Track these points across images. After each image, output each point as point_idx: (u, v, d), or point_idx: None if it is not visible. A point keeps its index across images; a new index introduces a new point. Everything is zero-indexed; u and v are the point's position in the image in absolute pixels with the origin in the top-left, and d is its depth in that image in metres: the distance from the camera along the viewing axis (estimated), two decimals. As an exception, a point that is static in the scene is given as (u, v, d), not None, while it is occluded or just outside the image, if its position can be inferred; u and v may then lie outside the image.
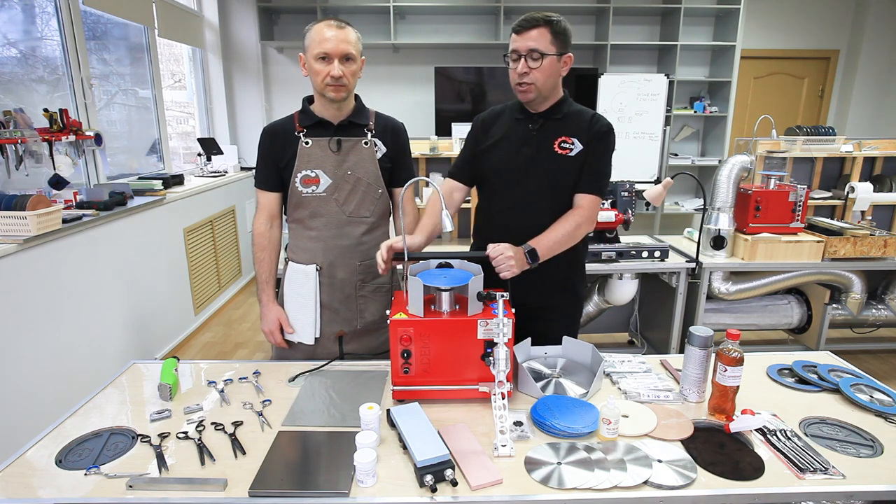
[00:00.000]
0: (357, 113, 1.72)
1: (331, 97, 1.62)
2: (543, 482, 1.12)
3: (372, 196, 1.74)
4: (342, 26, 1.58)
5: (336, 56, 1.56)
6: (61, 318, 2.53)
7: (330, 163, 1.69)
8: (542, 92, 1.60)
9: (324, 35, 1.55)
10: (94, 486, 1.11)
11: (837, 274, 2.97)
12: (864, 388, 1.47)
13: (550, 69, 1.57)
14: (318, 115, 1.70)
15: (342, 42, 1.56)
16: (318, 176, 1.69)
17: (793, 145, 3.53)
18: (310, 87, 1.68)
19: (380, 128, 1.75)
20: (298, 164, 1.69)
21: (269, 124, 1.75)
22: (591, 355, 1.60)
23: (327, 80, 1.58)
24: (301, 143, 1.69)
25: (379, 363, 1.64)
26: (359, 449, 1.13)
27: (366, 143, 1.72)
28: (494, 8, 5.03)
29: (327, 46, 1.55)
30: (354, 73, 1.63)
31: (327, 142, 1.69)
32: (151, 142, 4.22)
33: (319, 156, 1.69)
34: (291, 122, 1.72)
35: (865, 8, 5.38)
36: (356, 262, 1.76)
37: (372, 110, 1.77)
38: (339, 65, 1.57)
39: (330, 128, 1.69)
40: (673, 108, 5.19)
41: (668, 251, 2.85)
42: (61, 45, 3.10)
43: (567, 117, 1.67)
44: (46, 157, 2.75)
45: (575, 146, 1.64)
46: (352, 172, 1.70)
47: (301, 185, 1.70)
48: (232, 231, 4.59)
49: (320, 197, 1.71)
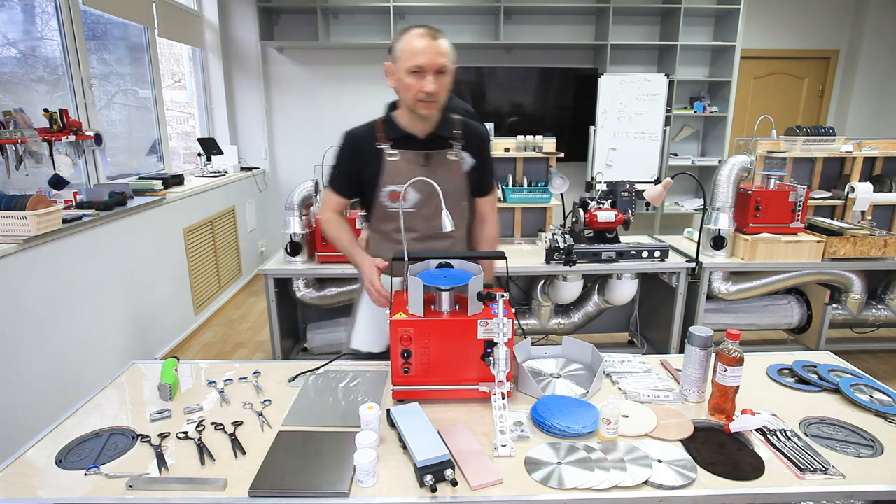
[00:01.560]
0: (443, 124, 1.64)
1: (422, 114, 1.55)
2: (543, 482, 1.12)
3: (459, 209, 1.68)
4: (436, 36, 1.48)
5: (431, 70, 1.47)
6: (61, 318, 2.53)
7: (418, 177, 1.62)
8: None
9: (418, 47, 1.46)
10: (94, 486, 1.11)
11: (837, 274, 2.97)
12: (864, 388, 1.47)
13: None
14: (405, 129, 1.62)
15: (437, 55, 1.46)
16: (407, 192, 1.63)
17: (793, 145, 3.53)
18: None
19: (468, 138, 1.68)
20: (385, 178, 1.62)
21: (351, 130, 1.66)
22: (591, 355, 1.60)
23: (420, 96, 1.50)
24: (386, 157, 1.61)
25: (379, 363, 1.64)
26: (359, 449, 1.13)
27: (453, 156, 1.65)
28: (494, 8, 5.03)
29: (421, 60, 1.46)
30: (447, 86, 1.53)
31: (415, 156, 1.62)
32: (151, 142, 4.22)
33: (407, 170, 1.61)
34: (373, 131, 1.63)
35: (865, 8, 5.38)
36: None
37: (456, 118, 1.68)
38: (434, 79, 1.48)
39: (416, 141, 1.62)
40: (673, 108, 5.19)
41: (668, 251, 2.85)
42: (61, 45, 3.10)
43: None
44: (46, 157, 2.75)
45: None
46: (440, 187, 1.65)
47: (388, 199, 1.63)
48: (232, 231, 4.59)
49: (407, 212, 1.64)
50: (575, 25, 5.26)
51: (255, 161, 5.29)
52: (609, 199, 2.88)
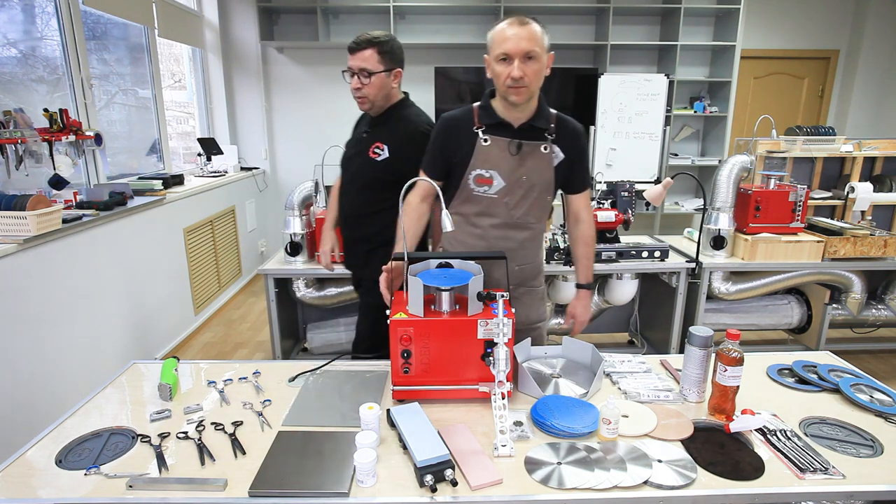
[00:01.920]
0: (538, 116, 1.65)
1: (512, 100, 1.56)
2: (543, 482, 1.12)
3: (542, 203, 1.71)
4: (524, 23, 1.50)
5: (517, 55, 1.49)
6: (61, 318, 2.53)
7: (506, 165, 1.65)
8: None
9: (504, 35, 1.50)
10: (94, 486, 1.11)
11: (837, 274, 2.97)
12: (863, 388, 1.47)
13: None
14: (500, 116, 1.64)
15: (522, 40, 1.48)
16: (493, 177, 1.65)
17: (793, 145, 3.53)
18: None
19: (560, 133, 1.68)
20: (474, 161, 1.65)
21: (447, 114, 1.71)
22: (591, 355, 1.60)
23: (508, 82, 1.52)
24: (479, 141, 1.64)
25: (379, 363, 1.64)
26: (359, 449, 1.13)
27: (545, 149, 1.67)
28: (494, 8, 5.03)
29: (507, 47, 1.49)
30: (537, 72, 1.53)
31: (507, 143, 1.64)
32: (151, 142, 4.22)
33: (497, 156, 1.65)
34: (470, 115, 1.67)
35: (865, 8, 5.38)
36: (514, 265, 1.74)
37: (554, 113, 1.69)
38: (520, 65, 1.50)
39: (510, 129, 1.64)
40: (673, 108, 5.19)
41: (668, 251, 2.85)
42: (61, 45, 3.10)
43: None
44: (46, 157, 2.75)
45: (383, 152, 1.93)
46: (527, 178, 1.66)
47: (474, 183, 1.67)
48: (232, 231, 4.59)
49: (491, 198, 1.67)
50: (575, 25, 5.26)
51: (255, 161, 5.29)
52: (609, 199, 2.88)
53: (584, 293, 1.87)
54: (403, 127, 1.94)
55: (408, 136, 1.91)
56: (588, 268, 1.86)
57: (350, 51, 1.87)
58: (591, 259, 1.86)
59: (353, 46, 1.86)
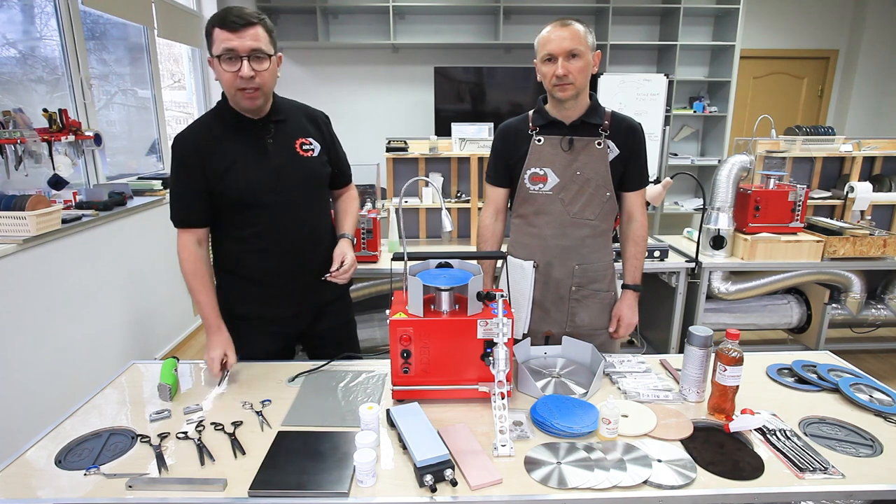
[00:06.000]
0: (591, 112, 1.67)
1: (559, 97, 1.60)
2: (543, 482, 1.12)
3: (599, 198, 1.70)
4: (566, 24, 1.55)
5: (560, 54, 1.54)
6: (61, 318, 2.53)
7: (560, 161, 1.67)
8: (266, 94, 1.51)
9: (546, 37, 1.56)
10: (93, 487, 1.11)
11: (837, 274, 2.97)
12: (863, 388, 1.47)
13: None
14: (552, 116, 1.68)
15: (564, 39, 1.53)
16: (547, 174, 1.68)
17: (792, 145, 3.53)
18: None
19: (615, 128, 1.69)
20: (529, 160, 1.69)
21: (506, 122, 1.78)
22: (591, 355, 1.60)
23: (553, 80, 1.57)
24: (533, 141, 1.69)
25: (379, 363, 1.64)
26: (359, 449, 1.13)
27: (598, 144, 1.67)
28: (494, 8, 5.03)
29: (551, 47, 1.55)
30: (582, 69, 1.56)
31: (559, 140, 1.68)
32: (151, 142, 4.22)
33: (550, 154, 1.68)
34: (526, 120, 1.73)
35: (865, 8, 5.39)
36: (574, 263, 1.74)
37: (608, 110, 1.71)
38: (564, 62, 1.54)
39: (562, 127, 1.68)
40: (672, 107, 5.19)
41: (667, 251, 2.85)
42: (60, 45, 3.09)
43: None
44: (46, 158, 2.74)
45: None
46: (581, 173, 1.67)
47: (529, 181, 1.70)
48: (231, 231, 4.58)
49: (546, 195, 1.70)
50: (574, 25, 5.25)
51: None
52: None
53: (631, 294, 1.82)
54: (304, 113, 1.69)
55: (316, 120, 1.71)
56: (637, 268, 1.83)
57: (230, 28, 1.38)
58: (640, 260, 1.83)
59: (235, 21, 1.38)
